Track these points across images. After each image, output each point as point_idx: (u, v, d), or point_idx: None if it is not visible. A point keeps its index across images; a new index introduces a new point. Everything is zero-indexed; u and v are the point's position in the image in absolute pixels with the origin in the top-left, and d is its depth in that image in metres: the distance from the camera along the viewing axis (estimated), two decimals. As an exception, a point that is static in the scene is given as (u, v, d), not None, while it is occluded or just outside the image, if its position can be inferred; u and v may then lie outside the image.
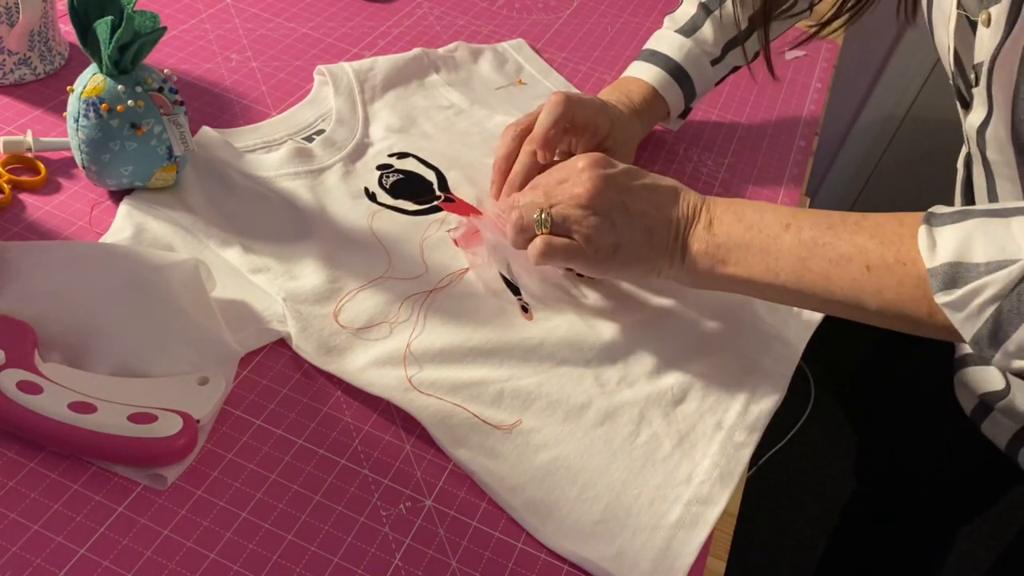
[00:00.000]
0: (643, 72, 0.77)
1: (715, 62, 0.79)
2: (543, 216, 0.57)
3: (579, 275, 0.66)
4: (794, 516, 1.52)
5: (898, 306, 0.50)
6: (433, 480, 0.51)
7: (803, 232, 0.53)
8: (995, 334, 0.46)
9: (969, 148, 0.64)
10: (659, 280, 0.60)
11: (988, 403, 0.70)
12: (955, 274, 0.46)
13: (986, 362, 0.70)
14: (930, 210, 0.50)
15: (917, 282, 0.48)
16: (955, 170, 0.75)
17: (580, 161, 0.58)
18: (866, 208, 1.90)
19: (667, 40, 0.78)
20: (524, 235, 0.59)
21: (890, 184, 1.76)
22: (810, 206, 0.92)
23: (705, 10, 0.78)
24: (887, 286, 0.50)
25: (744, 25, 0.78)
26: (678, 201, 0.58)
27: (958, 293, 0.46)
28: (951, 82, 0.61)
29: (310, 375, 0.55)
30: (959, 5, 0.57)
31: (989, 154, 0.59)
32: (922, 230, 0.49)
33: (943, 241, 0.47)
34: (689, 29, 0.78)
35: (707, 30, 0.78)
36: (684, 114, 0.82)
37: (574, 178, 0.58)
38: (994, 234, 0.46)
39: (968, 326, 0.47)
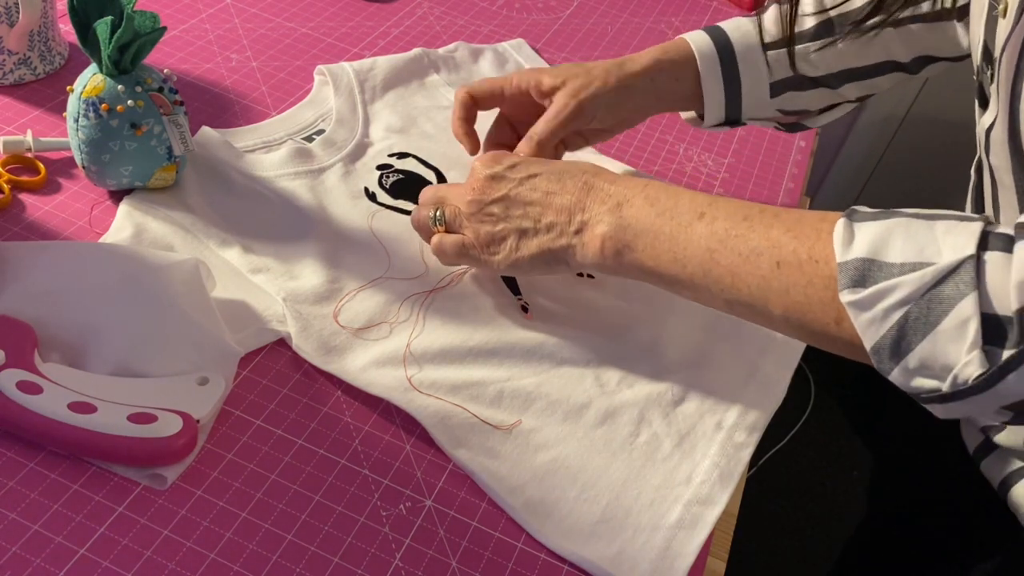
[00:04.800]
0: (690, 35, 0.70)
1: (768, 48, 0.70)
2: (436, 213, 0.59)
3: (579, 274, 0.66)
4: (794, 516, 1.52)
5: (804, 310, 0.46)
6: (433, 480, 0.51)
7: (716, 222, 0.49)
8: (897, 344, 0.42)
9: (979, 152, 0.59)
10: (574, 271, 0.57)
11: (989, 437, 0.66)
12: (866, 271, 0.42)
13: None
14: (853, 207, 0.46)
15: (827, 283, 0.44)
16: (956, 170, 0.73)
17: (477, 161, 0.59)
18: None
19: (730, 20, 0.71)
20: (424, 233, 0.61)
21: (890, 184, 1.76)
22: (810, 206, 0.91)
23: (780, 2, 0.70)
24: (795, 285, 0.46)
25: (811, 23, 0.68)
26: (576, 185, 0.55)
27: (865, 292, 0.42)
28: (976, 78, 0.57)
29: (310, 375, 0.55)
30: None
31: (991, 158, 0.55)
32: (840, 223, 0.45)
33: (861, 235, 0.43)
34: (759, 12, 0.71)
35: (772, 11, 0.70)
36: (731, 123, 0.73)
37: (469, 177, 0.58)
38: (915, 234, 0.42)
39: (871, 332, 0.43)
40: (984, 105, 0.56)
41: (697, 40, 0.69)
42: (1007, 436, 0.63)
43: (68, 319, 0.51)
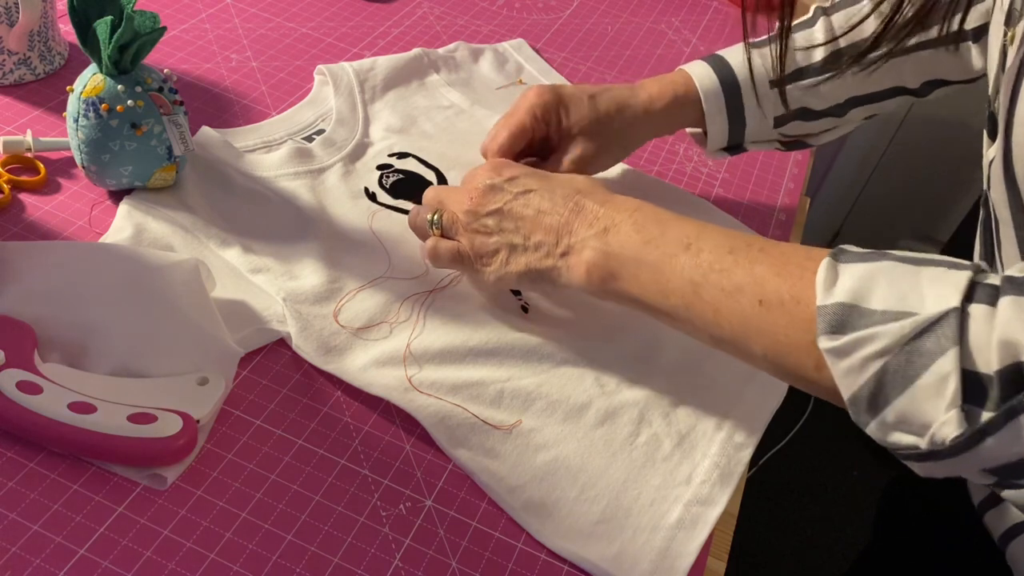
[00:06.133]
0: (694, 68, 0.70)
1: (775, 84, 0.69)
2: (434, 217, 0.59)
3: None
4: (794, 516, 1.52)
5: (784, 352, 0.44)
6: (433, 480, 0.51)
7: (702, 255, 0.48)
8: (875, 397, 0.40)
9: (984, 185, 0.58)
10: (561, 290, 0.56)
11: (994, 491, 0.66)
12: (845, 317, 0.40)
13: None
14: (842, 245, 0.44)
15: (807, 326, 0.42)
16: (955, 170, 0.73)
17: (480, 168, 0.58)
18: (866, 208, 1.89)
19: (736, 48, 0.71)
20: (420, 234, 0.61)
21: (890, 184, 1.76)
22: (810, 206, 0.91)
23: (787, 30, 0.65)
24: (776, 327, 0.44)
25: (819, 58, 0.68)
26: (567, 206, 0.54)
27: (843, 340, 0.40)
28: (988, 107, 0.55)
29: (310, 375, 0.55)
30: (1007, 21, 0.51)
31: (991, 192, 0.53)
32: (825, 263, 0.42)
33: (844, 278, 0.41)
34: (762, 43, 0.70)
35: (775, 47, 0.67)
36: (732, 149, 0.73)
37: (469, 183, 0.58)
38: (899, 281, 0.40)
39: (848, 382, 0.40)
40: (993, 136, 0.54)
41: (701, 76, 0.69)
42: (1012, 491, 0.62)
43: (68, 319, 0.51)
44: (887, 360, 0.39)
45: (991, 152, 0.53)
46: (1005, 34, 0.51)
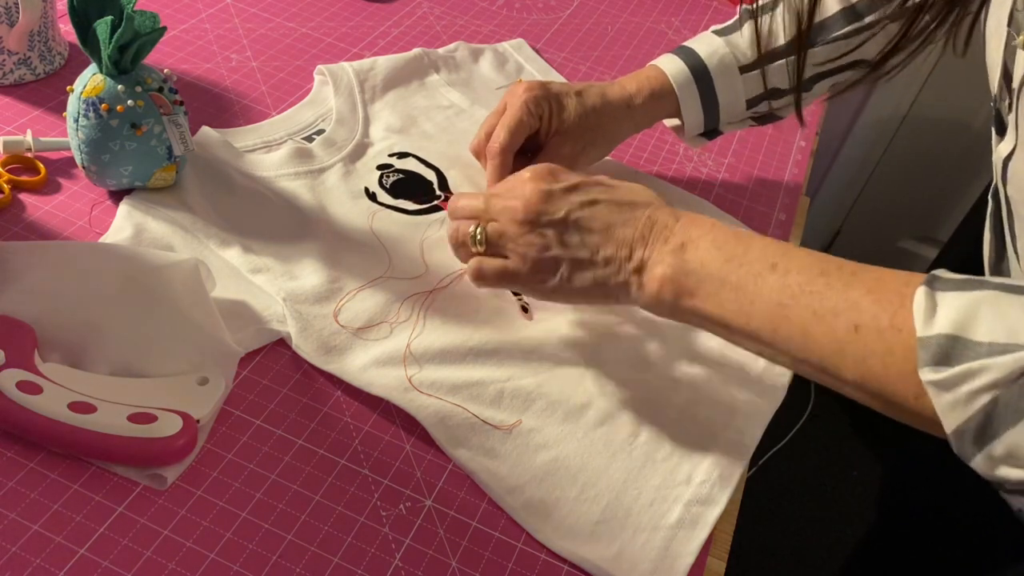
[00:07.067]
0: (665, 62, 0.72)
1: (746, 70, 0.71)
2: (478, 231, 0.55)
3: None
4: (794, 516, 1.52)
5: (881, 380, 0.42)
6: (433, 480, 0.52)
7: (790, 275, 0.46)
8: (983, 430, 0.38)
9: (996, 180, 0.57)
10: (619, 307, 0.54)
11: None
12: (950, 349, 0.39)
13: None
14: (934, 272, 0.42)
15: (908, 354, 0.41)
16: (955, 170, 0.73)
17: (527, 172, 0.55)
18: (866, 208, 1.88)
19: (702, 38, 0.72)
20: (462, 251, 0.57)
21: (890, 184, 1.76)
22: (810, 206, 0.91)
23: (750, 14, 0.70)
24: (873, 353, 0.42)
25: (783, 41, 0.69)
26: (639, 219, 0.52)
27: (949, 372, 0.39)
28: (993, 105, 0.55)
29: (310, 375, 0.55)
30: (1010, 22, 0.51)
31: (1009, 190, 0.53)
32: (921, 291, 0.41)
33: (945, 309, 0.40)
34: (726, 31, 0.72)
35: (745, 33, 0.70)
36: (709, 134, 0.75)
37: (517, 189, 0.54)
38: (1005, 312, 0.38)
39: (953, 415, 0.39)
40: (1001, 132, 0.54)
41: (672, 69, 0.71)
42: None
43: (68, 319, 0.51)
44: (998, 393, 0.38)
45: (1003, 148, 0.53)
46: (1011, 36, 0.51)
